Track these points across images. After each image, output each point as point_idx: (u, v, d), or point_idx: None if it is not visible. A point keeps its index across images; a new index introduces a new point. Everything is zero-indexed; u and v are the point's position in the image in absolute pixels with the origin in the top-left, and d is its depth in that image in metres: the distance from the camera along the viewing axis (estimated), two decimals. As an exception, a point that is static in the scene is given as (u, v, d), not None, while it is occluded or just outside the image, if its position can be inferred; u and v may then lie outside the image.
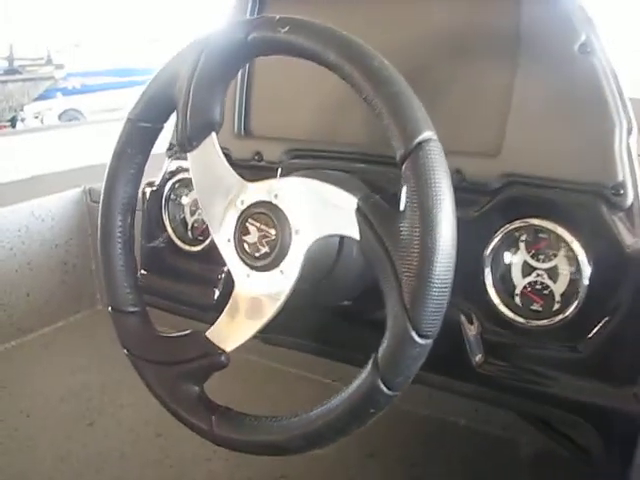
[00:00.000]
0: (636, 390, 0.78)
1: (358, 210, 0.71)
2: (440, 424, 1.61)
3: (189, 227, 1.16)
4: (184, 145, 0.80)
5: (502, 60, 0.89)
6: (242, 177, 0.79)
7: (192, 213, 1.16)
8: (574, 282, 0.83)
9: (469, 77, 0.94)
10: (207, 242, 1.11)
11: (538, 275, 0.86)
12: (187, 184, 1.15)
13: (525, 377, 0.86)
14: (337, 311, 0.96)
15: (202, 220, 1.12)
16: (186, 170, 1.11)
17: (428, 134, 0.66)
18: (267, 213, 0.76)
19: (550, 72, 0.85)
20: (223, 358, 0.78)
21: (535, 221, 0.84)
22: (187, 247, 1.14)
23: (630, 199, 0.81)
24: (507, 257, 0.87)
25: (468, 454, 1.51)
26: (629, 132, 0.82)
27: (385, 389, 0.67)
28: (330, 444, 0.72)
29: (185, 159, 0.82)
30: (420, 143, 0.66)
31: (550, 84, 0.85)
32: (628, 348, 0.80)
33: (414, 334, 0.65)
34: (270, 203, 0.76)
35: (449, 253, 0.65)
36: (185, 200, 1.16)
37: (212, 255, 1.02)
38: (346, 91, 0.71)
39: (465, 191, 0.87)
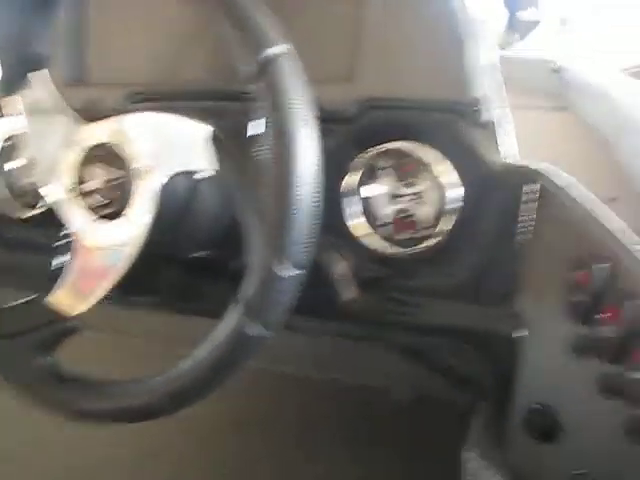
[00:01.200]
0: (513, 309, 0.77)
1: (213, 139, 0.65)
2: (315, 383, 1.58)
3: (19, 191, 1.04)
4: (11, 84, 0.70)
5: None
6: None
7: (20, 176, 1.04)
8: (441, 205, 0.80)
9: (318, 2, 0.88)
10: (41, 204, 1.00)
11: (405, 202, 0.82)
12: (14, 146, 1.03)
13: (401, 309, 0.83)
14: (195, 263, 0.89)
15: (33, 182, 1.01)
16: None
17: (283, 47, 0.61)
18: (109, 154, 0.68)
19: None
20: (71, 323, 0.70)
21: (396, 145, 0.80)
22: (19, 213, 1.03)
23: (489, 114, 0.79)
24: (371, 186, 0.83)
25: (346, 409, 1.49)
26: (484, 48, 0.79)
27: (256, 329, 0.61)
28: (202, 399, 0.66)
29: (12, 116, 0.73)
30: (275, 56, 0.60)
31: (402, 2, 0.81)
32: (502, 268, 0.78)
33: (282, 264, 0.60)
34: (111, 144, 0.68)
35: (313, 175, 0.61)
36: (13, 163, 1.04)
37: (49, 219, 0.92)
38: (188, 26, 0.64)
39: (322, 121, 0.82)
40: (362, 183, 0.82)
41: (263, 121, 0.61)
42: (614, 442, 0.65)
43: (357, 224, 0.83)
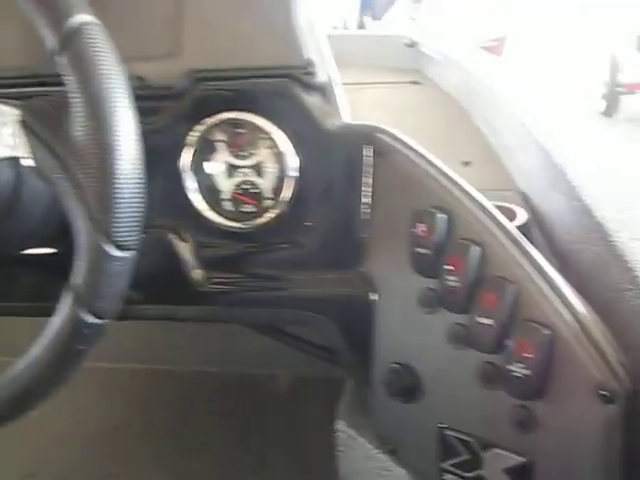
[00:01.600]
0: (361, 271, 0.75)
1: (22, 122, 0.60)
2: (194, 376, 1.55)
3: None
4: None
5: None
6: None
7: None
8: (281, 174, 0.77)
9: None
10: None
11: (244, 174, 0.79)
12: None
13: (251, 284, 0.80)
14: (29, 259, 0.83)
15: None
16: None
17: (86, 16, 0.57)
18: None
19: None
20: None
21: (230, 115, 0.77)
22: None
23: (322, 77, 0.77)
24: (208, 161, 0.79)
25: (227, 401, 1.47)
26: (311, 11, 0.77)
27: (90, 317, 0.57)
28: (44, 399, 0.60)
29: None
30: (78, 26, 0.56)
31: None
32: (349, 231, 0.77)
33: (109, 245, 0.56)
34: None
35: (132, 146, 0.56)
36: None
37: None
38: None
39: (150, 99, 0.78)
40: (201, 158, 0.79)
41: (73, 94, 0.57)
42: (471, 391, 0.65)
43: (198, 200, 0.79)
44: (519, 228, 1.06)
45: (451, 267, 0.65)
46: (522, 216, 1.05)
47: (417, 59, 2.27)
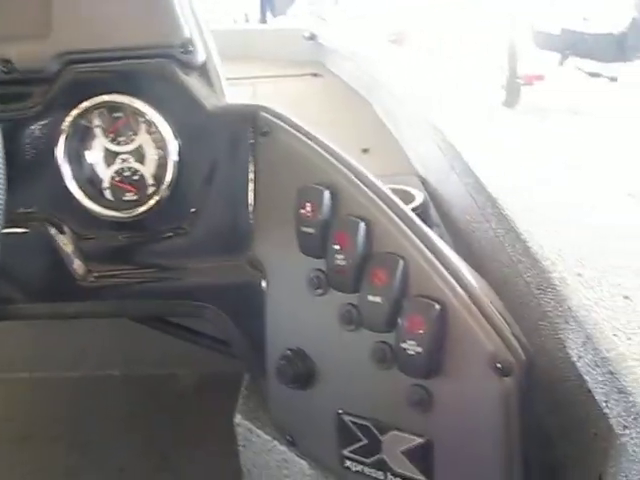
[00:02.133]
0: (250, 256, 0.72)
1: None
2: (94, 381, 1.49)
3: None
4: None
5: None
6: None
7: None
8: (163, 158, 0.74)
9: None
10: None
11: (124, 161, 0.75)
12: None
13: (136, 276, 0.76)
14: None
15: None
16: None
17: None
18: None
19: None
20: None
21: (105, 98, 0.73)
22: None
23: (201, 56, 0.73)
24: (85, 148, 0.75)
25: (130, 403, 1.42)
26: None
27: None
28: None
29: None
30: None
31: None
32: (234, 215, 0.74)
33: None
34: None
35: None
36: None
37: None
38: None
39: (20, 83, 0.73)
40: (78, 145, 0.74)
41: None
42: (366, 374, 0.63)
43: (76, 190, 0.75)
44: (415, 209, 1.06)
45: (338, 246, 0.62)
46: (419, 198, 1.04)
47: (317, 52, 2.26)
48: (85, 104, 0.73)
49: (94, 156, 0.75)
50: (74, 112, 0.73)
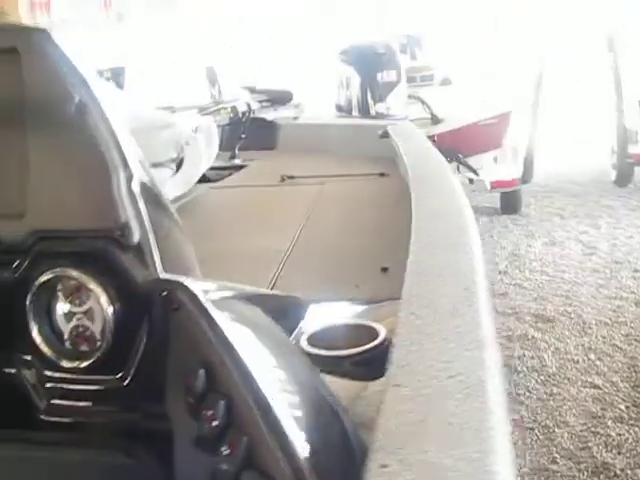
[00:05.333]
0: (161, 409, 0.86)
1: None
2: None
3: None
4: None
5: (12, 126, 0.94)
6: None
7: None
8: (107, 320, 0.90)
9: None
10: None
11: (79, 319, 0.92)
12: None
13: (87, 414, 0.93)
14: None
15: None
16: None
17: None
18: None
19: (56, 134, 0.92)
20: None
21: (64, 271, 0.90)
22: None
23: (136, 237, 0.89)
24: (50, 307, 0.93)
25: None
26: (129, 179, 0.90)
27: None
28: None
29: None
30: None
31: (58, 145, 0.92)
32: (166, 369, 0.88)
33: None
34: None
35: None
36: None
37: None
38: None
39: (1, 253, 0.93)
40: (43, 304, 0.92)
41: None
42: None
43: (43, 341, 0.93)
44: (377, 347, 1.16)
45: (211, 415, 0.76)
46: (382, 334, 1.14)
47: (390, 149, 2.38)
48: (49, 274, 0.91)
49: (57, 313, 0.93)
50: (42, 278, 0.91)
